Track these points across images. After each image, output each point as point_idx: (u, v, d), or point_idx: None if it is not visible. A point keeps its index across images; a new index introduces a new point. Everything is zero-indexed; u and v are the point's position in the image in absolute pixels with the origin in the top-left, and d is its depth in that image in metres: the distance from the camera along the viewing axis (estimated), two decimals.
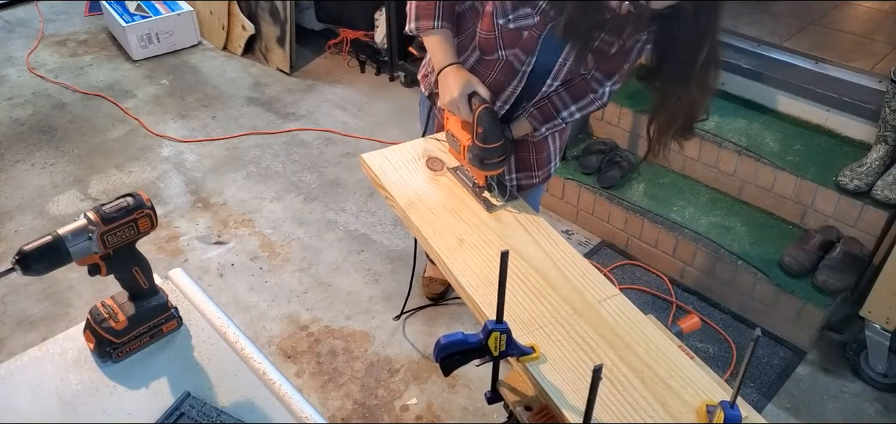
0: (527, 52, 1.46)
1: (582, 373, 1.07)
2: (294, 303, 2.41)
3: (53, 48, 4.10)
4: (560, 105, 1.54)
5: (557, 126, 1.58)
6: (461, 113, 1.41)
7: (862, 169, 2.26)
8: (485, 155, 1.36)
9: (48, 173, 3.04)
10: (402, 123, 3.46)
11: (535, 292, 1.22)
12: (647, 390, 1.06)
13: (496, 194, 1.45)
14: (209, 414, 0.95)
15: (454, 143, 1.49)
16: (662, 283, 2.51)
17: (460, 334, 1.03)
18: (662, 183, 2.67)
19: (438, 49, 1.48)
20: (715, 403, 1.02)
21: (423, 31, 1.48)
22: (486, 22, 1.45)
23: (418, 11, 1.47)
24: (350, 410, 2.06)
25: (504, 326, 1.02)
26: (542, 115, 1.55)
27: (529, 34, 1.42)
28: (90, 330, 1.04)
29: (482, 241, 1.34)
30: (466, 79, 1.41)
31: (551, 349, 1.11)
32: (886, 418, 2.05)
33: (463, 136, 1.43)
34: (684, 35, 1.22)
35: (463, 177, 1.50)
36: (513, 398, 1.16)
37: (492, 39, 1.47)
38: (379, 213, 2.83)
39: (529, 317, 1.17)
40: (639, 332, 1.16)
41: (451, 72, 1.44)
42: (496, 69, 1.51)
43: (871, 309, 2.02)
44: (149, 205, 1.00)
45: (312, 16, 4.06)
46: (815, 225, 2.37)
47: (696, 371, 1.10)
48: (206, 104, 3.60)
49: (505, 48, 1.47)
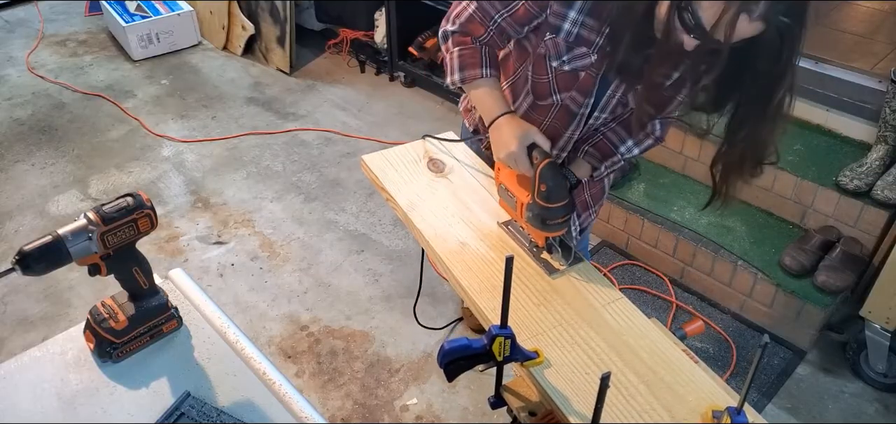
0: (584, 93, 1.34)
1: (586, 378, 1.07)
2: (294, 303, 2.41)
3: (53, 48, 4.10)
4: (617, 141, 1.43)
5: (617, 164, 1.45)
6: (520, 167, 1.27)
7: (862, 169, 2.26)
8: (548, 215, 1.21)
9: (48, 173, 3.04)
10: (401, 123, 3.46)
11: (538, 296, 1.22)
12: (653, 395, 1.05)
13: (558, 256, 1.27)
14: (209, 414, 0.95)
15: (508, 199, 1.33)
16: (662, 283, 2.51)
17: (464, 339, 1.02)
18: (662, 183, 2.67)
19: (488, 98, 1.34)
20: (721, 408, 1.01)
21: (469, 81, 1.34)
22: (538, 65, 1.34)
23: (462, 61, 1.33)
24: (350, 410, 2.06)
25: (508, 331, 1.01)
26: (600, 153, 1.44)
27: (586, 75, 1.30)
28: (90, 330, 1.04)
29: (486, 245, 1.33)
30: (524, 129, 1.27)
31: (555, 353, 1.10)
32: (886, 418, 2.05)
33: (520, 193, 1.28)
34: (762, 67, 1.07)
35: (516, 232, 1.35)
36: (517, 403, 1.15)
37: (545, 83, 1.35)
38: (379, 213, 2.83)
39: (533, 322, 1.16)
40: (643, 336, 1.15)
41: (506, 122, 1.29)
42: (551, 114, 1.40)
43: (871, 309, 2.02)
44: (149, 205, 1.00)
45: (312, 16, 4.06)
46: (815, 225, 2.37)
47: (700, 376, 1.09)
48: (206, 104, 3.60)
49: (560, 91, 1.35)
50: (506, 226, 1.37)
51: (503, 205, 1.38)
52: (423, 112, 3.56)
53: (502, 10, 1.28)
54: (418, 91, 3.73)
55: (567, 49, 1.27)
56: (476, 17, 1.31)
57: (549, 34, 1.27)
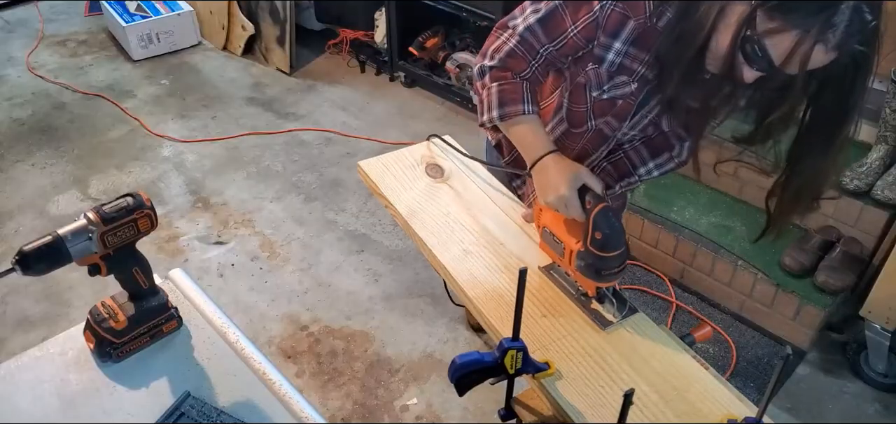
0: (621, 119, 1.28)
1: (600, 391, 1.05)
2: (294, 303, 2.41)
3: (53, 48, 4.09)
4: (637, 161, 1.37)
5: (633, 183, 1.40)
6: (570, 212, 1.17)
7: (862, 169, 2.26)
8: (603, 264, 1.11)
9: (48, 173, 3.04)
10: (402, 123, 3.46)
11: (547, 305, 1.20)
12: (667, 405, 1.03)
13: (611, 308, 1.18)
14: (209, 414, 0.95)
15: (554, 245, 1.22)
16: (662, 283, 2.51)
17: (476, 353, 1.00)
18: (662, 183, 2.67)
19: (531, 136, 1.23)
20: (736, 417, 0.99)
21: (509, 117, 1.21)
22: (576, 94, 1.26)
23: (501, 97, 1.21)
24: (350, 410, 2.06)
25: (520, 344, 0.99)
26: (617, 171, 1.38)
27: (625, 102, 1.24)
28: (90, 330, 1.04)
29: (489, 252, 1.30)
30: (574, 170, 1.17)
31: (566, 365, 1.08)
32: (886, 418, 2.05)
33: (569, 239, 1.17)
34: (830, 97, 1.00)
35: (560, 278, 1.24)
36: (529, 417, 1.11)
37: (582, 112, 1.28)
38: (379, 213, 2.83)
39: (543, 332, 1.14)
40: (654, 344, 1.13)
41: (553, 162, 1.19)
42: (584, 139, 1.34)
43: (871, 309, 2.02)
44: (149, 205, 1.00)
45: (312, 16, 4.06)
46: (815, 226, 2.37)
47: (713, 384, 1.07)
48: (206, 104, 3.60)
49: (595, 118, 1.28)
50: (548, 271, 1.26)
51: (545, 249, 1.28)
52: (424, 112, 3.56)
53: (549, 44, 1.18)
54: (418, 91, 3.73)
55: (608, 78, 1.20)
56: (518, 52, 1.20)
57: (591, 64, 1.20)
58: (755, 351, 2.25)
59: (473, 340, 2.29)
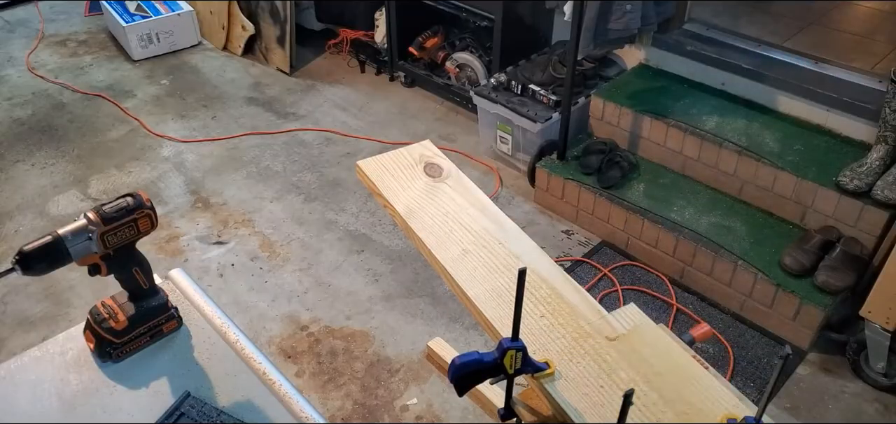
0: None
1: (599, 389, 1.05)
2: (294, 303, 2.41)
3: (53, 48, 4.10)
4: None
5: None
6: None
7: (862, 169, 2.26)
8: None
9: (48, 173, 3.04)
10: (402, 123, 3.46)
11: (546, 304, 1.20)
12: (667, 405, 1.03)
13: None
14: (209, 414, 0.95)
15: None
16: (662, 283, 2.51)
17: (475, 354, 1.01)
18: (662, 183, 2.67)
19: None
20: (736, 416, 1.00)
21: None
22: None
23: None
24: (350, 410, 2.06)
25: (520, 344, 1.00)
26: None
27: None
28: (90, 330, 1.04)
29: (488, 251, 1.30)
30: None
31: (565, 364, 1.08)
32: (886, 418, 2.05)
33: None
34: None
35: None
36: (529, 417, 1.12)
37: None
38: (379, 213, 2.83)
39: (542, 331, 1.14)
40: (652, 343, 1.13)
41: None
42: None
43: (871, 309, 2.02)
44: (149, 205, 1.00)
45: (312, 16, 4.06)
46: (815, 226, 2.37)
47: (712, 383, 1.07)
48: (206, 104, 3.60)
49: None
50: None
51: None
52: (424, 112, 3.56)
53: None
54: (418, 91, 3.73)
55: None
56: None
57: None
58: (755, 351, 2.25)
59: (474, 340, 2.29)
